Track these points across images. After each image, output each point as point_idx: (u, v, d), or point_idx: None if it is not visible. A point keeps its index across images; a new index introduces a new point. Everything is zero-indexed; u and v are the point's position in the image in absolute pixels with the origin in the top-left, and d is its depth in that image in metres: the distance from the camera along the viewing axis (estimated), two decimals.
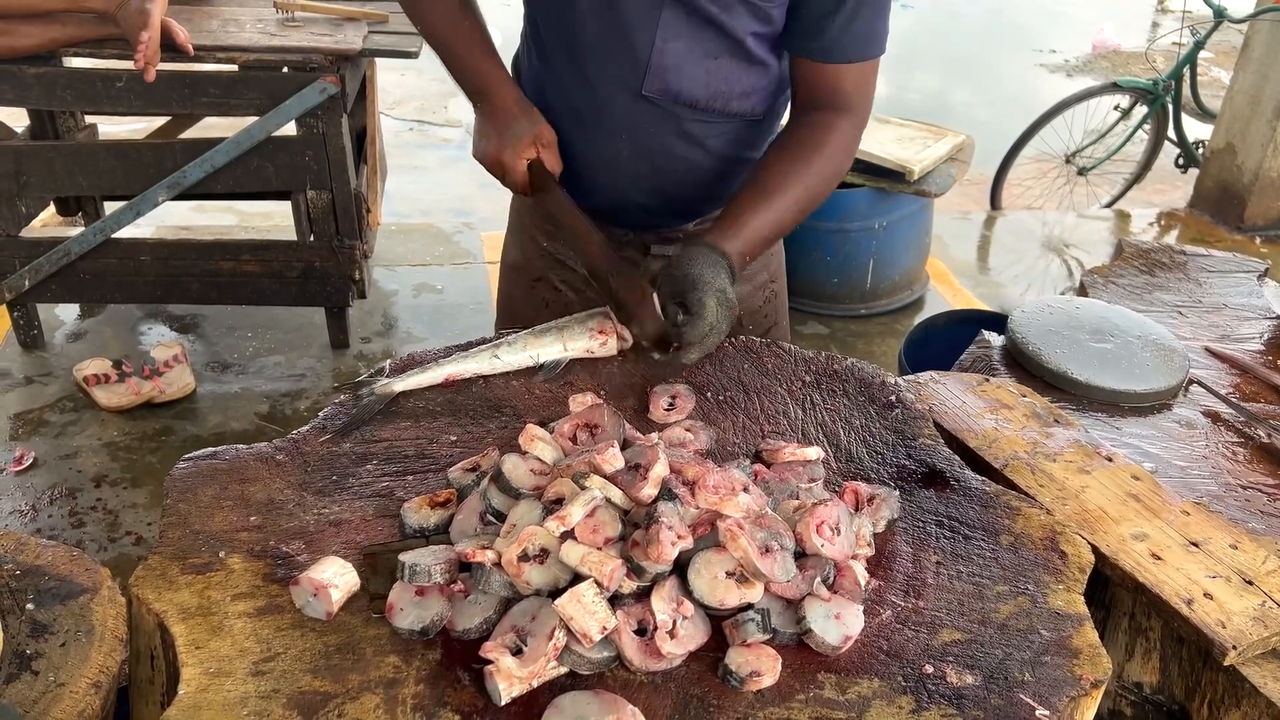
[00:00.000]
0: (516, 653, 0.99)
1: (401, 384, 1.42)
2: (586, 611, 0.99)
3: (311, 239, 3.20)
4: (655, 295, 1.40)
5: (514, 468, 1.17)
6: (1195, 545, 1.26)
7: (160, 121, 3.62)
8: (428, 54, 3.22)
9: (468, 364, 1.45)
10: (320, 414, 1.38)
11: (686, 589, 1.06)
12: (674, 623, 1.03)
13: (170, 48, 2.77)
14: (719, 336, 1.37)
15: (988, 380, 1.61)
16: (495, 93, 1.54)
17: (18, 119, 3.26)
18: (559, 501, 1.11)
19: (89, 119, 3.55)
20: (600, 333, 1.49)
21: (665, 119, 1.51)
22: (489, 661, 0.98)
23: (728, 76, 1.48)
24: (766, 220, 1.44)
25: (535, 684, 1.00)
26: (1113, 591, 1.28)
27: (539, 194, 1.56)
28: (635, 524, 1.09)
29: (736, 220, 1.43)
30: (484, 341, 1.50)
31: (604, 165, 1.58)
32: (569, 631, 1.00)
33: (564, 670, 1.02)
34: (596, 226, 1.53)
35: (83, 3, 2.74)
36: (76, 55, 2.90)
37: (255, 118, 2.95)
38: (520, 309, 1.79)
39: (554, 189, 1.54)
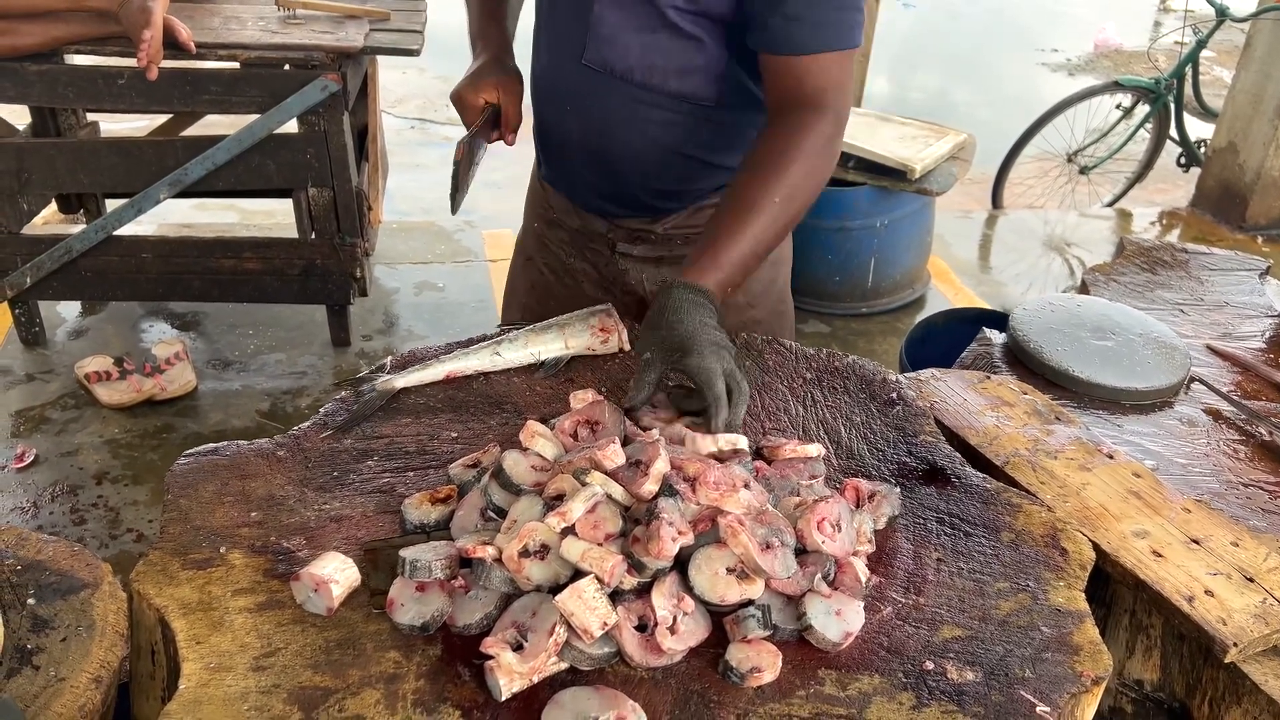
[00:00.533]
0: (517, 648, 1.00)
1: (403, 380, 1.42)
2: (587, 607, 0.99)
3: (313, 237, 3.20)
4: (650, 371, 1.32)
5: (515, 464, 1.17)
6: (1196, 542, 1.26)
7: (162, 119, 3.62)
8: (430, 52, 3.22)
9: (469, 360, 1.46)
10: (321, 410, 1.38)
11: (687, 585, 1.06)
12: (674, 619, 1.03)
13: (173, 45, 2.77)
14: (744, 380, 1.29)
15: (989, 378, 1.61)
16: (483, 45, 1.61)
17: (19, 116, 3.26)
18: (560, 497, 1.11)
19: (91, 116, 3.55)
20: (602, 330, 1.50)
21: (605, 91, 1.51)
22: (490, 657, 0.98)
23: (663, 50, 1.46)
24: (747, 243, 1.37)
25: (536, 679, 1.00)
26: (1113, 589, 1.27)
27: (477, 133, 1.57)
28: (636, 520, 1.09)
29: (714, 251, 1.36)
30: (486, 338, 1.51)
31: (559, 139, 1.63)
32: (570, 627, 1.00)
33: (564, 666, 1.02)
34: (573, 205, 1.63)
35: (84, 1, 2.74)
36: (78, 53, 2.90)
37: (257, 115, 2.95)
38: (518, 286, 1.86)
39: (486, 135, 1.58)
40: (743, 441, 1.23)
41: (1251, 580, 1.20)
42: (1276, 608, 1.16)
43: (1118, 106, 4.98)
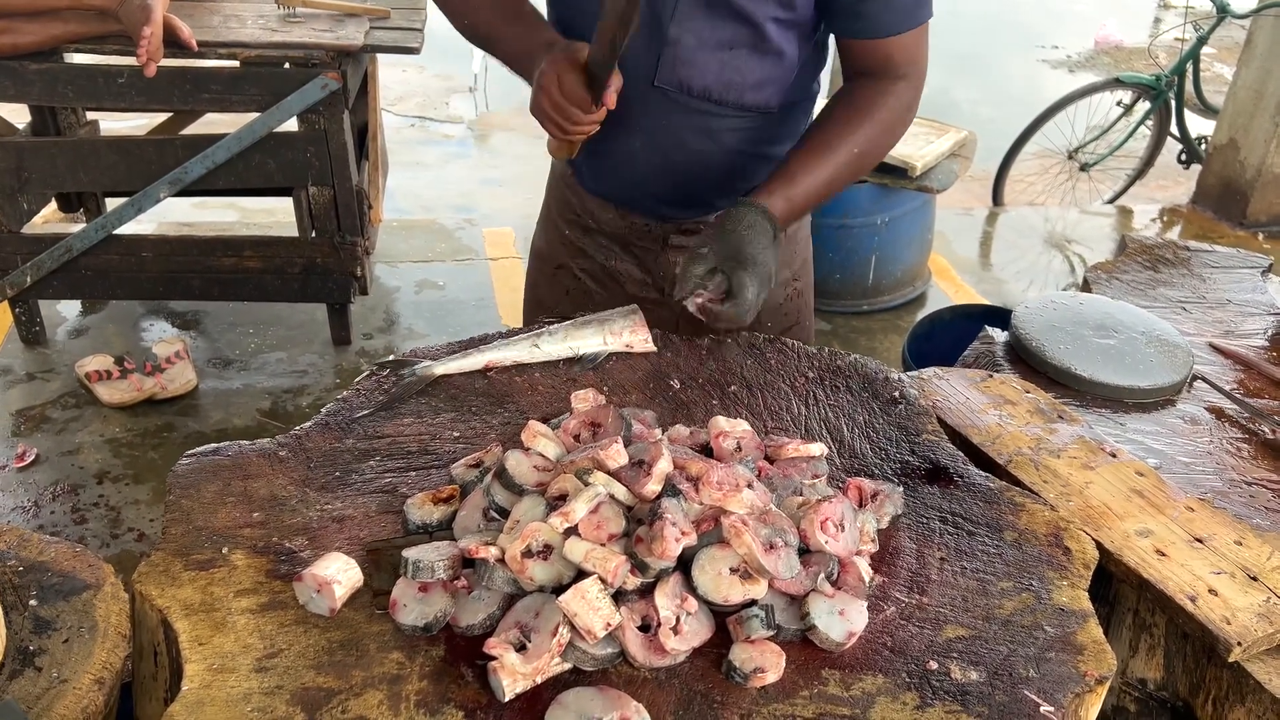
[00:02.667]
0: (520, 649, 0.99)
1: (442, 367, 1.44)
2: (590, 608, 0.99)
3: (313, 235, 3.20)
4: None
5: (517, 464, 1.16)
6: (1199, 541, 1.26)
7: (162, 117, 3.61)
8: (430, 50, 3.22)
9: (508, 351, 1.47)
10: (323, 410, 1.38)
11: (690, 585, 1.06)
12: (678, 619, 1.03)
13: (174, 43, 2.77)
14: (753, 315, 1.38)
15: (991, 376, 1.60)
16: (541, 40, 1.45)
17: (19, 115, 3.26)
18: (563, 497, 1.11)
19: (90, 115, 3.54)
20: (642, 327, 1.50)
21: (677, 111, 1.50)
22: (493, 658, 0.98)
23: (741, 67, 1.47)
24: (818, 179, 1.45)
25: (539, 680, 1.00)
26: (1117, 588, 1.27)
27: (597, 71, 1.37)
28: (639, 520, 1.09)
29: (788, 179, 1.43)
30: (518, 332, 1.52)
31: (618, 157, 1.58)
32: (573, 628, 1.00)
33: (568, 666, 1.01)
34: (618, 210, 1.61)
35: None
36: (78, 51, 2.90)
37: (257, 114, 2.95)
38: (544, 296, 1.82)
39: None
40: (816, 448, 1.27)
41: (1255, 579, 1.20)
42: None
43: (1118, 103, 4.97)
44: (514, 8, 1.53)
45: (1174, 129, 4.96)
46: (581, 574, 1.04)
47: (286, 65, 2.92)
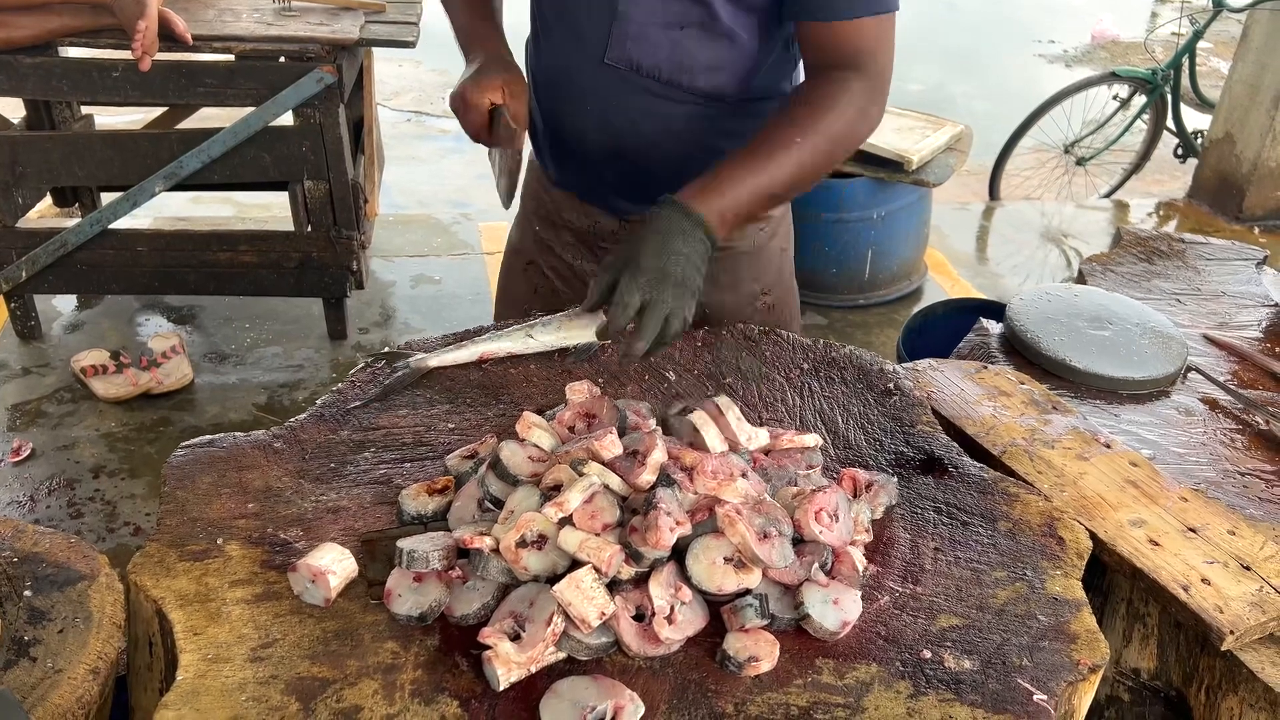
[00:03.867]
0: (515, 638, 1.00)
1: (436, 360, 1.43)
2: (585, 597, 0.99)
3: (309, 230, 3.19)
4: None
5: (512, 455, 1.16)
6: (1193, 531, 1.27)
7: (157, 112, 3.61)
8: (425, 45, 3.21)
9: (502, 343, 1.46)
10: (318, 402, 1.38)
11: (685, 574, 1.06)
12: (672, 608, 1.03)
13: (168, 38, 2.76)
14: (676, 319, 1.26)
15: (986, 368, 1.61)
16: (480, 46, 1.53)
17: (14, 109, 3.25)
18: (557, 488, 1.11)
19: (85, 109, 3.54)
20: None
21: (628, 91, 1.48)
22: (487, 647, 0.98)
23: (691, 48, 1.44)
24: (759, 179, 1.33)
25: (533, 669, 1.00)
26: (1110, 578, 1.28)
27: (501, 142, 1.50)
28: (634, 510, 1.09)
29: (720, 176, 1.33)
30: (513, 324, 1.51)
31: (574, 138, 1.58)
32: (567, 617, 1.00)
33: (562, 656, 1.02)
34: (580, 203, 1.55)
35: None
36: (73, 45, 2.89)
37: (252, 108, 2.94)
38: (514, 291, 1.81)
39: (509, 141, 1.48)
40: (811, 439, 1.26)
41: (1248, 568, 1.21)
42: (1273, 595, 1.17)
43: (1115, 98, 4.97)
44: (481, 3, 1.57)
45: (1170, 123, 4.96)
46: (576, 564, 1.04)
47: (282, 59, 2.92)
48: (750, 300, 1.70)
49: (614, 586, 1.04)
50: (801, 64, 1.49)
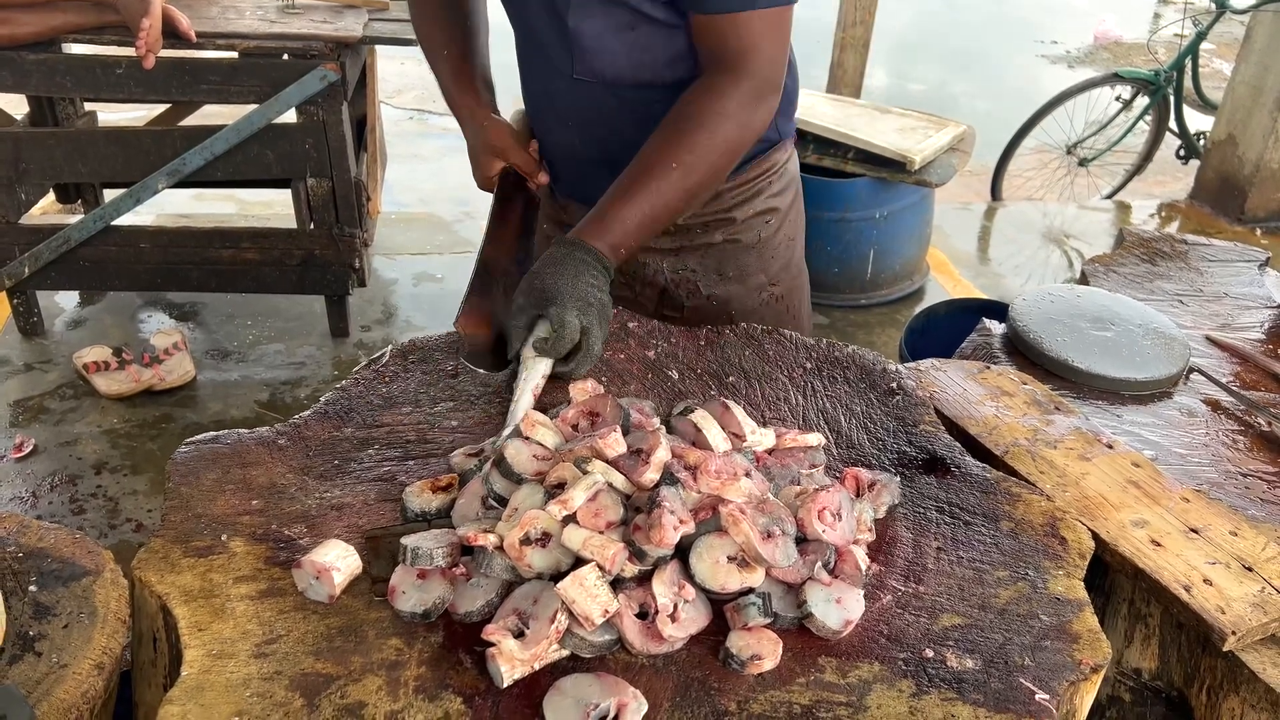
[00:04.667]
0: (518, 635, 1.00)
1: (503, 441, 1.21)
2: (588, 595, 0.99)
3: (311, 227, 3.20)
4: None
5: (516, 453, 1.17)
6: (1195, 532, 1.27)
7: (160, 109, 3.61)
8: None
9: (525, 400, 1.34)
10: (322, 399, 1.38)
11: (688, 573, 1.07)
12: (675, 606, 1.03)
13: (172, 35, 2.77)
14: (597, 342, 1.35)
15: (988, 368, 1.61)
16: (465, 114, 1.61)
17: (17, 106, 3.25)
18: (561, 486, 1.11)
19: (88, 106, 3.54)
20: None
21: (604, 100, 1.50)
22: (491, 644, 0.99)
23: (648, 46, 1.44)
24: (641, 207, 1.38)
25: (537, 666, 1.00)
26: (1112, 578, 1.28)
27: (504, 202, 1.58)
28: (637, 508, 1.10)
29: (603, 213, 1.39)
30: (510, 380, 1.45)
31: (563, 154, 1.61)
32: (571, 615, 1.00)
33: (565, 653, 1.02)
34: (583, 206, 1.51)
35: None
36: (76, 42, 2.90)
37: (255, 105, 2.95)
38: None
39: (514, 197, 1.57)
40: (814, 438, 1.26)
41: (1250, 569, 1.21)
42: (1275, 596, 1.17)
43: (1117, 98, 4.98)
44: (462, 61, 1.60)
45: (1173, 124, 4.96)
46: (580, 561, 1.04)
47: (285, 57, 2.92)
48: (758, 291, 1.72)
49: (617, 584, 1.04)
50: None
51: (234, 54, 2.91)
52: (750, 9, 1.35)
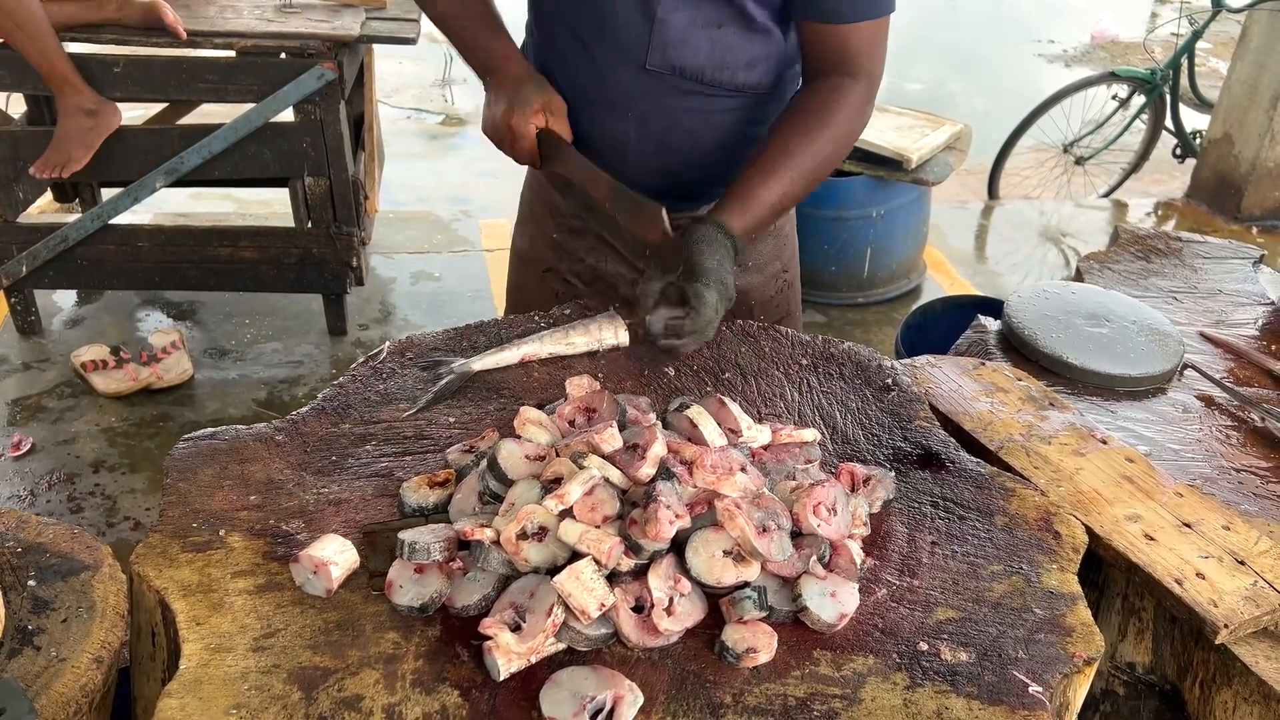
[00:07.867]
0: (515, 629, 1.00)
1: (479, 363, 1.44)
2: (585, 588, 1.00)
3: (309, 226, 3.20)
4: (666, 221, 1.39)
5: (509, 455, 1.16)
6: (1188, 526, 1.27)
7: (158, 107, 3.61)
8: (425, 43, 3.22)
9: (543, 345, 1.48)
10: (320, 395, 1.39)
11: (684, 567, 1.07)
12: (671, 600, 1.04)
13: (159, 29, 2.78)
14: (715, 328, 1.37)
15: (983, 364, 1.61)
16: (503, 66, 1.53)
17: (15, 104, 3.25)
18: (558, 480, 1.11)
19: None
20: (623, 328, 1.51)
21: (670, 93, 1.50)
22: (488, 638, 0.99)
23: (732, 45, 1.47)
24: (774, 193, 1.44)
25: (533, 660, 1.01)
26: (1106, 572, 1.29)
27: (549, 162, 1.53)
28: (633, 503, 1.10)
29: (744, 196, 1.43)
30: (545, 326, 1.53)
31: (610, 146, 1.57)
32: (567, 608, 1.01)
33: (562, 646, 1.03)
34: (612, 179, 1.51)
35: None
36: (74, 40, 2.89)
37: (253, 104, 2.95)
38: (531, 299, 1.79)
39: (567, 152, 1.51)
40: (809, 434, 1.28)
41: (1242, 563, 1.22)
42: (1267, 590, 1.18)
43: (1114, 97, 4.98)
44: (484, 11, 1.55)
45: (1169, 123, 4.97)
46: (576, 555, 1.05)
47: (283, 55, 2.92)
48: (774, 278, 1.75)
49: (614, 578, 1.05)
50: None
51: (231, 53, 2.91)
52: (869, 19, 1.43)
